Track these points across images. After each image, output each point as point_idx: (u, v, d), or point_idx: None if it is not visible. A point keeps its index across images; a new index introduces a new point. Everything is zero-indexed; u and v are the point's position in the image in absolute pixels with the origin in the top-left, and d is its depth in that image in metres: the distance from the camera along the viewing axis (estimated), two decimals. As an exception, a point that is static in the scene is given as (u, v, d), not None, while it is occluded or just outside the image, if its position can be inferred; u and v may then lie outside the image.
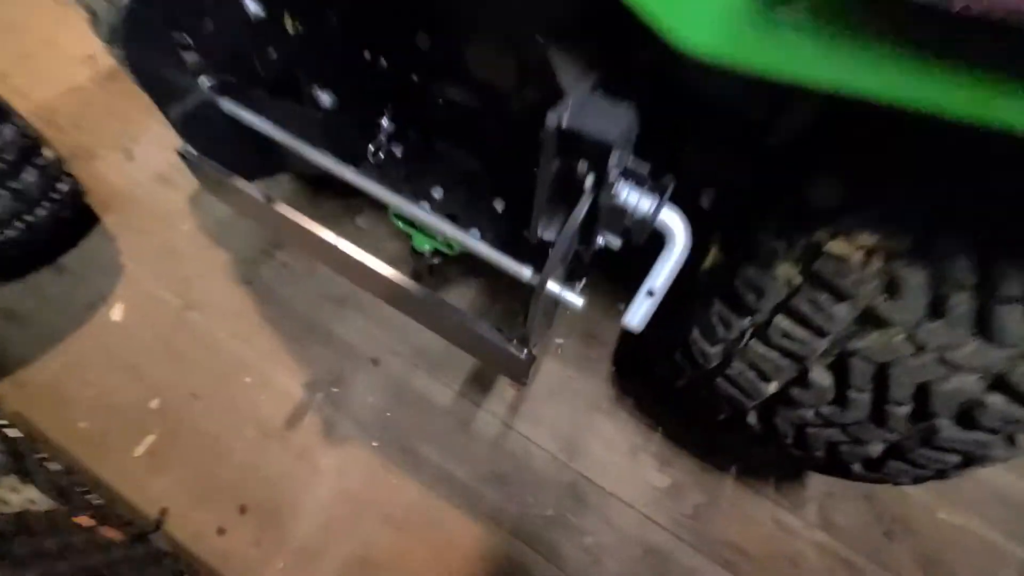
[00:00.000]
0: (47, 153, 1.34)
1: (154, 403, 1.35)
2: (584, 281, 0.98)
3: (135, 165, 1.73)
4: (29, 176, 1.28)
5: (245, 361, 1.41)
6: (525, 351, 0.76)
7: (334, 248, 0.85)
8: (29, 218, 1.31)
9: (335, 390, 1.38)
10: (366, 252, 0.85)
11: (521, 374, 0.81)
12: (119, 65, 1.31)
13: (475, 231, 1.18)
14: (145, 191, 1.68)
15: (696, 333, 1.02)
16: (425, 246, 1.12)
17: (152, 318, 1.46)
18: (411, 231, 1.11)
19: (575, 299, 0.78)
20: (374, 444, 1.31)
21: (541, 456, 1.31)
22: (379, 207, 1.64)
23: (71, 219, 1.55)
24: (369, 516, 1.24)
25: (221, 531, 1.22)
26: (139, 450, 1.29)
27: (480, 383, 1.39)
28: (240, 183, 0.91)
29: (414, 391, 1.38)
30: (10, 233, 1.30)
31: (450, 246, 1.08)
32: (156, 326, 1.45)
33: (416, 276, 1.15)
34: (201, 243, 1.59)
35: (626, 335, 1.45)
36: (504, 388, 1.39)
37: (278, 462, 1.29)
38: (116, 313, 1.47)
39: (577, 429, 1.34)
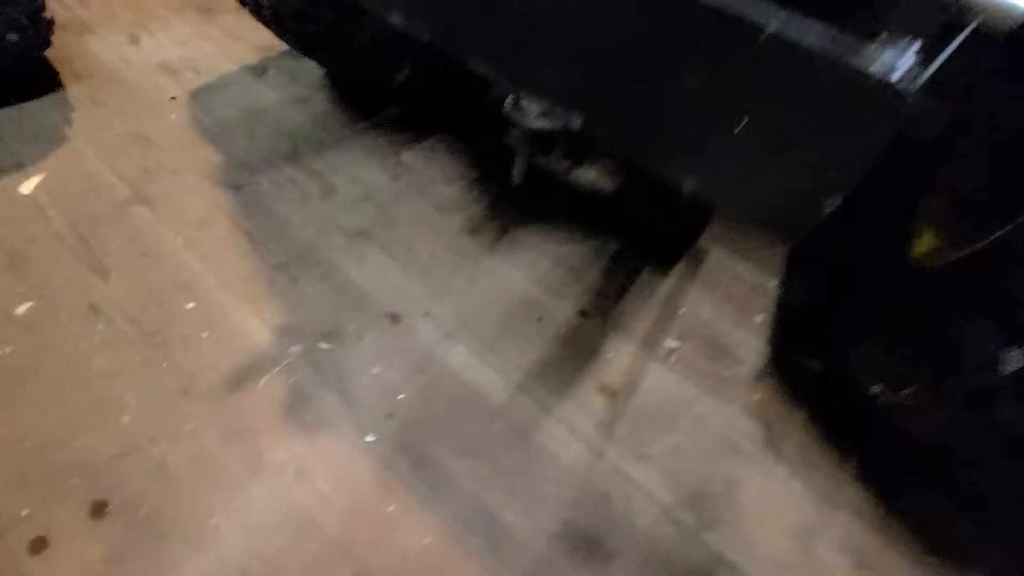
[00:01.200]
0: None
1: (23, 308, 0.82)
2: None
3: (137, 50, 1.36)
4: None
5: (194, 281, 0.90)
6: (895, 65, 0.30)
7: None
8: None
9: (324, 346, 0.85)
10: None
11: (841, 169, 0.34)
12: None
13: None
14: (138, 74, 1.29)
15: (983, 325, 0.58)
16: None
17: (76, 202, 0.98)
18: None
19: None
20: (369, 439, 0.76)
21: (650, 512, 0.75)
22: (432, 140, 1.25)
23: (22, 71, 1.14)
24: (335, 562, 0.65)
25: (39, 546, 0.62)
26: (-42, 374, 0.73)
27: (556, 376, 0.88)
28: None
29: (447, 371, 0.86)
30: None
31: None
32: (77, 211, 0.96)
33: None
34: (186, 137, 1.16)
35: (790, 316, 0.97)
36: (592, 394, 0.87)
37: (196, 438, 0.73)
38: (27, 185, 0.99)
39: (708, 477, 0.80)
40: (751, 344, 0.99)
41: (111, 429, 0.71)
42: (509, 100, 0.70)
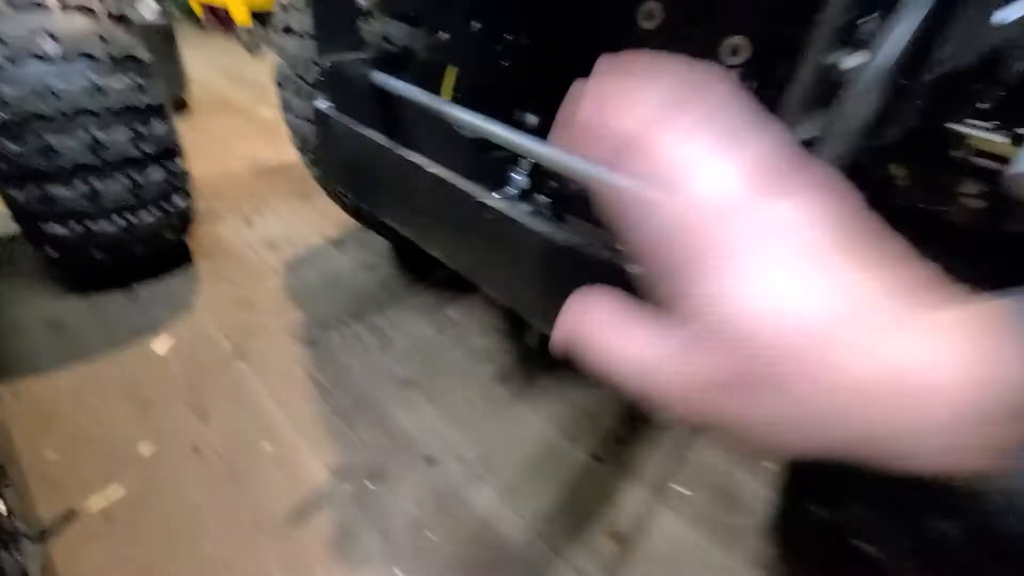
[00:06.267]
0: (181, 164, 1.36)
1: (145, 447, 1.04)
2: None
3: (251, 230, 1.76)
4: (155, 174, 1.27)
5: (273, 426, 1.11)
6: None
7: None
8: (133, 219, 1.27)
9: (371, 486, 1.01)
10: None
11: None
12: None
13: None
14: (249, 250, 1.66)
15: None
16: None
17: (195, 359, 1.25)
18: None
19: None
20: (396, 571, 0.88)
21: (654, 666, 0.79)
22: (472, 297, 1.48)
23: (167, 248, 1.50)
24: None
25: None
26: (96, 503, 0.94)
27: (569, 520, 0.97)
28: (370, 133, 0.75)
29: (472, 513, 0.98)
30: (108, 228, 1.25)
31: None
32: (194, 366, 1.23)
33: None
34: (279, 301, 1.46)
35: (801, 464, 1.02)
36: (602, 539, 0.95)
37: (259, 566, 0.87)
38: (161, 345, 1.28)
39: (714, 633, 0.83)
40: (764, 493, 1.05)
41: (213, 550, 0.88)
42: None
